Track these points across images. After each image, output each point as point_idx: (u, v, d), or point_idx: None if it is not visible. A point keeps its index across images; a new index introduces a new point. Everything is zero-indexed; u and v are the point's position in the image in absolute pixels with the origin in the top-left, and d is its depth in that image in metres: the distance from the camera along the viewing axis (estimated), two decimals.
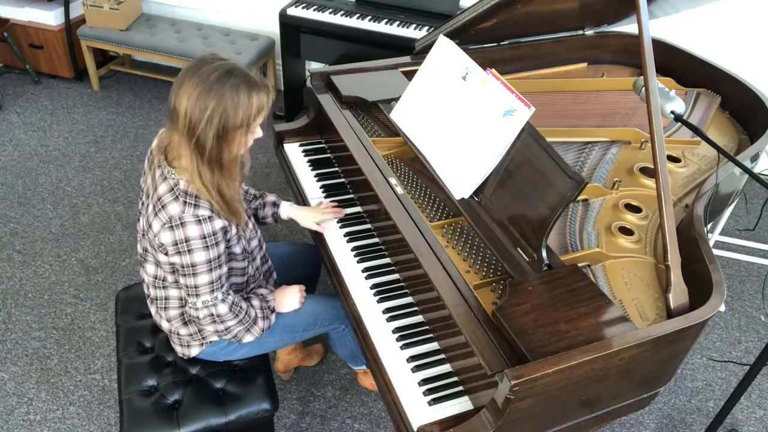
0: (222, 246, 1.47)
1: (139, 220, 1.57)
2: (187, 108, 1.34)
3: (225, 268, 1.51)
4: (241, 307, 1.56)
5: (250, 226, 1.63)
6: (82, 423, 2.10)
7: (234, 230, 1.51)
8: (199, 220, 1.39)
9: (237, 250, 1.55)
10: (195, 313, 1.52)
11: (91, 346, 2.35)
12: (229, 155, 1.43)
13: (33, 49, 3.82)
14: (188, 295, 1.50)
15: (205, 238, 1.40)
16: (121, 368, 1.71)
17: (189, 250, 1.40)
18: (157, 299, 1.63)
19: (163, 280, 1.57)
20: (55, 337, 2.37)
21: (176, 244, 1.40)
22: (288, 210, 1.87)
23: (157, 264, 1.54)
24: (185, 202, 1.39)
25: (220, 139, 1.37)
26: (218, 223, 1.43)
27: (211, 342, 1.65)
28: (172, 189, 1.41)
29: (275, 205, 1.86)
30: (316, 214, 1.85)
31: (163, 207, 1.40)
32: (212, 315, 1.52)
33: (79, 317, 2.45)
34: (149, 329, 1.81)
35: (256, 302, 1.61)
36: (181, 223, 1.38)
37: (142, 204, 1.55)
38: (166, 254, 1.44)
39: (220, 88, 1.33)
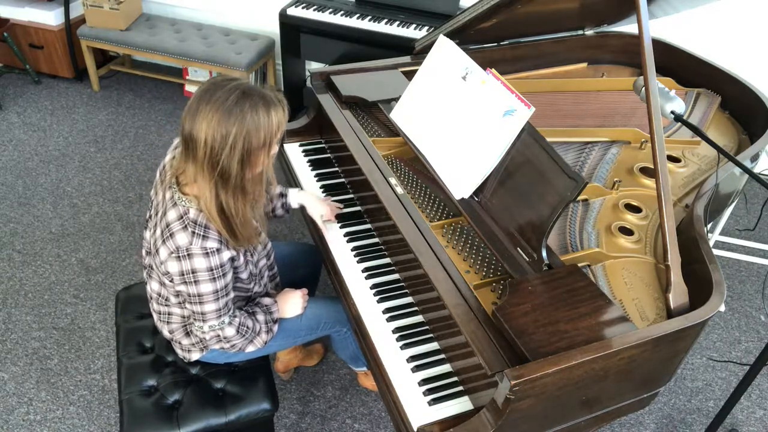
0: (229, 276, 1.45)
1: (146, 230, 1.55)
2: (207, 136, 1.28)
3: (232, 295, 1.49)
4: (247, 327, 1.55)
5: (260, 248, 1.60)
6: (82, 423, 2.10)
7: (242, 258, 1.49)
8: (207, 253, 1.36)
9: (244, 276, 1.54)
10: (201, 334, 1.52)
11: (91, 346, 2.35)
12: (252, 179, 1.39)
13: (33, 49, 3.82)
14: (195, 319, 1.49)
15: (212, 270, 1.38)
16: (121, 368, 1.71)
17: (195, 282, 1.38)
18: (160, 313, 1.62)
19: (166, 299, 1.56)
20: (55, 337, 2.37)
21: (183, 275, 1.38)
22: (297, 196, 1.84)
23: (162, 284, 1.53)
24: (194, 232, 1.36)
25: (243, 163, 1.33)
26: (226, 255, 1.40)
27: (212, 349, 1.65)
28: (182, 217, 1.37)
29: (282, 195, 1.83)
30: (325, 208, 1.82)
31: (171, 235, 1.36)
32: (219, 336, 1.52)
33: (79, 317, 2.45)
34: (149, 329, 1.81)
35: (261, 317, 1.60)
36: (188, 255, 1.35)
37: (150, 217, 1.52)
38: (171, 281, 1.43)
39: (240, 111, 1.28)
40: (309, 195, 1.86)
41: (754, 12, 2.99)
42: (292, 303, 1.71)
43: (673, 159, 1.98)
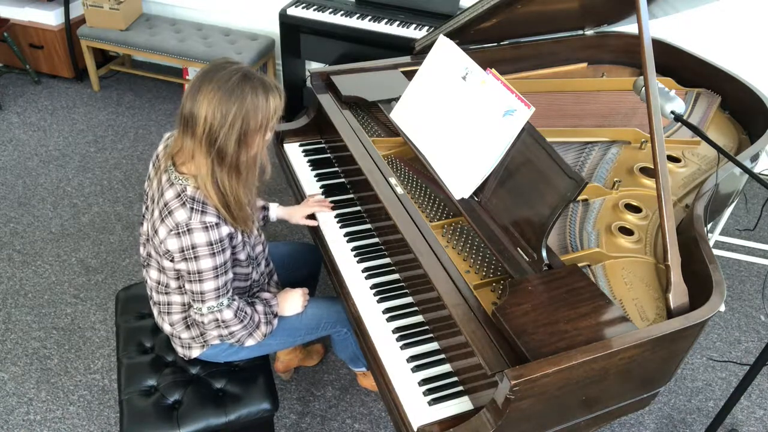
0: (228, 252, 1.46)
1: (142, 223, 1.56)
2: (207, 114, 1.32)
3: (231, 274, 1.50)
4: (246, 313, 1.56)
5: (255, 232, 1.62)
6: (82, 423, 2.10)
7: (240, 237, 1.51)
8: (206, 227, 1.38)
9: (242, 256, 1.55)
10: (200, 318, 1.52)
11: (91, 346, 2.35)
12: (246, 160, 1.43)
13: (33, 49, 3.82)
14: (194, 300, 1.49)
15: (211, 245, 1.40)
16: (121, 368, 1.71)
17: (195, 257, 1.40)
18: (159, 303, 1.62)
19: (166, 286, 1.57)
20: (55, 337, 2.37)
21: (183, 251, 1.39)
22: (276, 211, 1.89)
23: (161, 270, 1.53)
24: (192, 208, 1.38)
25: (240, 143, 1.37)
26: (225, 230, 1.42)
27: (212, 345, 1.65)
28: (179, 195, 1.40)
29: (264, 208, 1.88)
30: (303, 208, 1.87)
31: (169, 213, 1.39)
32: (217, 320, 1.52)
33: (79, 317, 2.45)
34: (149, 329, 1.81)
35: (260, 307, 1.61)
36: (188, 230, 1.37)
37: (146, 208, 1.54)
38: (171, 261, 1.44)
39: (241, 92, 1.33)
40: (284, 209, 1.89)
41: (754, 12, 2.99)
42: (292, 301, 1.71)
43: (673, 159, 1.98)
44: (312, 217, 1.89)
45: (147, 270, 1.60)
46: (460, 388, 1.43)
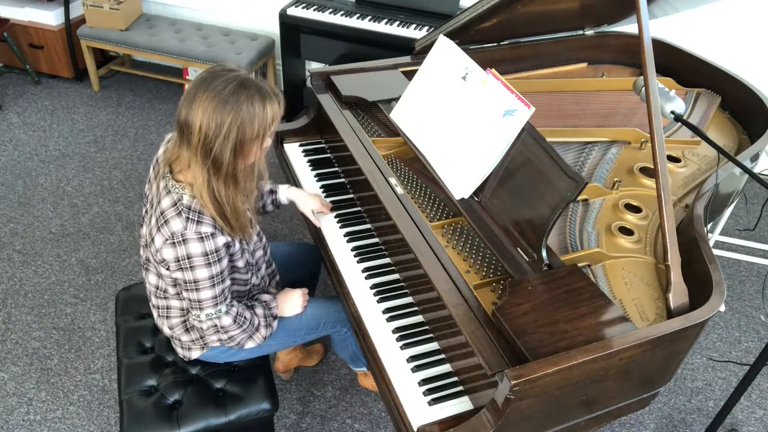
0: (225, 261, 1.45)
1: (142, 226, 1.56)
2: (202, 123, 1.30)
3: (228, 282, 1.49)
4: (245, 318, 1.55)
5: (255, 237, 1.61)
6: (82, 423, 2.10)
7: (237, 245, 1.49)
8: (202, 238, 1.37)
9: (240, 264, 1.54)
10: (199, 324, 1.52)
11: (91, 346, 2.35)
12: (244, 169, 1.41)
13: (33, 49, 3.82)
14: (192, 308, 1.49)
15: (207, 255, 1.39)
16: (121, 368, 1.71)
17: (191, 267, 1.39)
18: (158, 307, 1.62)
19: (164, 291, 1.56)
20: (55, 337, 2.37)
21: (178, 261, 1.38)
22: (286, 192, 1.87)
23: (159, 276, 1.53)
24: (188, 218, 1.37)
25: (236, 153, 1.35)
26: (221, 240, 1.41)
27: (212, 347, 1.65)
28: (176, 204, 1.39)
29: (272, 192, 1.86)
30: (315, 201, 1.85)
31: (165, 222, 1.38)
32: (216, 326, 1.52)
33: (79, 317, 2.45)
34: (149, 329, 1.81)
35: (259, 310, 1.61)
36: (183, 240, 1.36)
37: (146, 212, 1.53)
38: (168, 269, 1.43)
39: (236, 101, 1.31)
40: (298, 190, 1.88)
41: (754, 12, 2.99)
42: (292, 301, 1.71)
43: (673, 159, 1.98)
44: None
45: (146, 274, 1.59)
46: (460, 388, 1.43)
